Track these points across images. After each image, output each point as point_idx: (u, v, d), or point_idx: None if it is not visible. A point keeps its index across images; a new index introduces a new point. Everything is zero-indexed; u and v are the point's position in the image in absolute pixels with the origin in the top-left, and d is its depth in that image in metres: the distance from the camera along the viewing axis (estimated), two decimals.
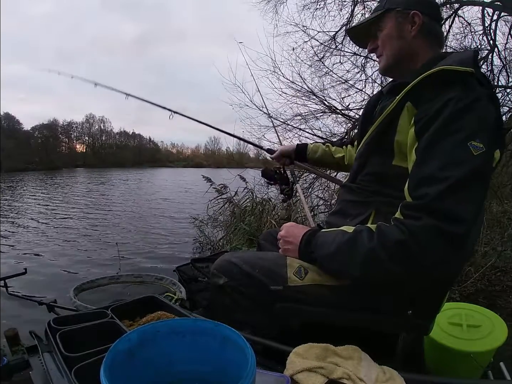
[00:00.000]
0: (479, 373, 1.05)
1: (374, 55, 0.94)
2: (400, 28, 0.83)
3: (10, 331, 1.15)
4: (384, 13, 0.85)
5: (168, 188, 14.14)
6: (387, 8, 0.84)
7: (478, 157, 0.63)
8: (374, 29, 0.88)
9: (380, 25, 0.86)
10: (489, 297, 2.07)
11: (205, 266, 1.73)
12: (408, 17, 0.82)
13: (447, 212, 0.62)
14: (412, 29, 0.82)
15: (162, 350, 0.51)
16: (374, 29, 0.88)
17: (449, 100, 0.66)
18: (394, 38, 0.84)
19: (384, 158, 0.79)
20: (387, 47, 0.86)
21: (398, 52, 0.85)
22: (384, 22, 0.85)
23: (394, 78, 0.94)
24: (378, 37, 0.87)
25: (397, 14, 0.83)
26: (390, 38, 0.85)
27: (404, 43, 0.83)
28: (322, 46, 4.27)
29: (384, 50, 0.87)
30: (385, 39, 0.86)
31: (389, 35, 0.85)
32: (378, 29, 0.87)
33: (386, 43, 0.86)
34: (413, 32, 0.82)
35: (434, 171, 0.64)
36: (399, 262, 0.65)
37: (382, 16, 0.85)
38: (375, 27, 0.88)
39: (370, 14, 0.91)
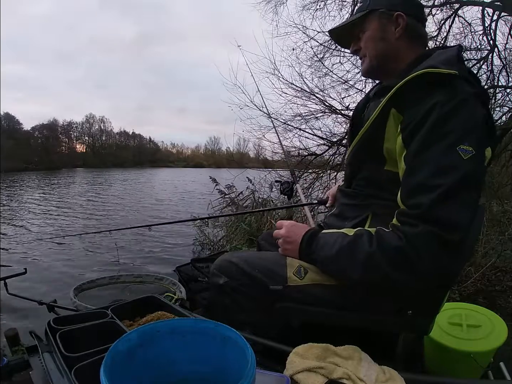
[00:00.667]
0: (479, 373, 1.05)
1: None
2: (384, 29, 0.82)
3: (10, 331, 1.15)
4: (367, 14, 0.83)
5: (168, 188, 14.14)
6: (371, 9, 0.83)
7: (468, 161, 0.62)
8: (357, 30, 0.86)
9: (363, 26, 0.84)
10: (489, 297, 2.07)
11: (205, 266, 1.74)
12: (392, 19, 0.81)
13: (442, 219, 0.62)
14: (396, 31, 0.81)
15: (162, 350, 0.51)
16: (357, 30, 0.86)
17: (434, 104, 0.65)
18: (377, 39, 0.82)
19: (376, 164, 0.79)
20: (370, 48, 0.84)
21: (381, 54, 0.83)
22: (368, 23, 0.83)
23: (377, 79, 0.93)
24: (361, 38, 0.85)
25: (380, 15, 0.82)
26: (373, 39, 0.83)
27: (388, 45, 0.82)
28: (322, 46, 4.28)
29: (367, 51, 0.84)
30: (368, 41, 0.84)
31: (372, 36, 0.83)
32: (361, 31, 0.85)
33: (369, 45, 0.84)
34: (397, 33, 0.81)
35: (425, 180, 0.64)
36: (397, 268, 0.66)
37: (365, 17, 0.83)
38: (358, 28, 0.85)
39: (353, 15, 0.88)
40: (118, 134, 58.38)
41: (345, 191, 0.90)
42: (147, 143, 63.46)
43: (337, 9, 4.32)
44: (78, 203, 8.77)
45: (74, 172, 32.19)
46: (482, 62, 3.61)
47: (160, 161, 59.51)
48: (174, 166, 56.11)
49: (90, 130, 54.37)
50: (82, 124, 53.67)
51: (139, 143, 61.35)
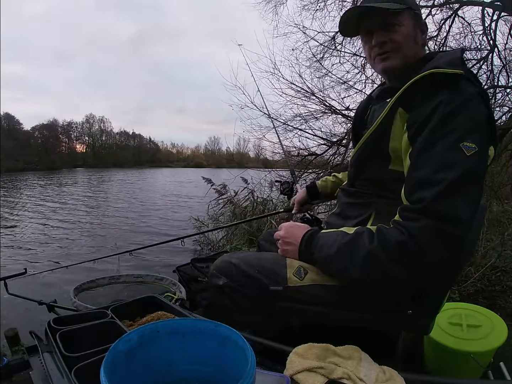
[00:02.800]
0: (479, 373, 1.05)
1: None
2: (416, 31, 0.81)
3: (10, 331, 1.16)
4: (406, 10, 0.78)
5: (168, 188, 14.13)
6: (409, 7, 0.79)
7: (471, 158, 0.63)
8: (390, 20, 0.78)
9: (400, 20, 0.78)
10: (489, 297, 2.07)
11: (205, 266, 1.73)
12: (421, 24, 0.82)
13: (444, 214, 0.63)
14: (423, 37, 0.82)
15: (162, 350, 0.51)
16: (390, 20, 0.78)
17: (440, 103, 0.66)
18: (412, 39, 0.80)
19: (380, 164, 0.80)
20: (406, 46, 0.79)
21: (410, 55, 0.80)
22: (405, 19, 0.79)
23: (390, 79, 0.89)
24: (395, 31, 0.78)
25: (416, 17, 0.81)
26: (410, 38, 0.80)
27: (417, 47, 0.82)
28: (322, 46, 4.28)
29: (402, 48, 0.79)
30: (406, 37, 0.79)
31: (409, 34, 0.79)
32: (397, 23, 0.78)
33: (404, 42, 0.79)
34: (423, 40, 0.83)
35: (428, 175, 0.65)
36: (399, 263, 0.66)
37: (401, 12, 0.78)
38: (391, 19, 0.78)
39: (386, 3, 0.77)
40: (118, 134, 58.45)
41: (348, 190, 0.90)
42: (147, 143, 63.46)
43: (337, 9, 4.32)
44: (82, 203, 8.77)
45: (75, 172, 32.19)
46: (482, 62, 3.61)
47: (160, 161, 59.50)
48: (174, 166, 56.08)
49: (90, 130, 54.41)
50: (82, 124, 53.73)
51: (139, 143, 61.34)
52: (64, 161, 43.78)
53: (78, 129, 53.32)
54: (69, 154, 49.07)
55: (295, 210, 1.37)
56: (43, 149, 42.77)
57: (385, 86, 0.92)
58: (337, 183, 1.27)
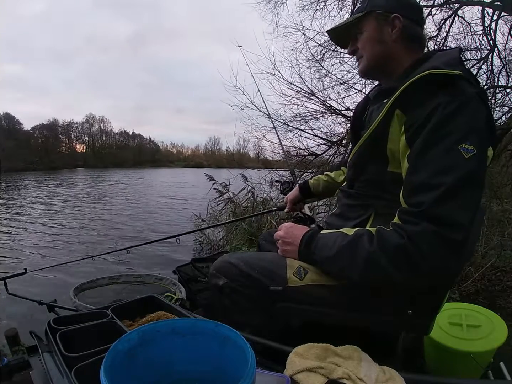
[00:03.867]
0: (479, 373, 1.05)
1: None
2: (381, 31, 0.82)
3: (10, 331, 1.16)
4: (365, 15, 0.83)
5: (168, 188, 14.13)
6: (368, 11, 0.83)
7: (470, 160, 0.63)
8: (354, 31, 0.86)
9: (360, 28, 0.85)
10: (489, 297, 2.07)
11: (205, 266, 1.73)
12: (388, 20, 0.81)
13: (443, 218, 0.62)
14: (392, 33, 0.81)
15: (162, 350, 0.51)
16: (354, 31, 0.86)
17: (438, 105, 0.66)
18: (374, 41, 0.83)
19: (379, 165, 0.79)
20: (366, 50, 0.84)
21: (377, 55, 0.83)
22: (365, 25, 0.84)
23: (374, 80, 0.95)
24: (358, 39, 0.86)
25: (377, 16, 0.82)
26: (370, 41, 0.84)
27: (384, 46, 0.82)
28: (322, 47, 4.28)
29: (364, 52, 0.85)
30: (365, 42, 0.84)
31: (369, 38, 0.84)
32: (358, 32, 0.85)
33: (366, 46, 0.84)
34: (394, 35, 0.81)
35: (427, 178, 0.65)
36: (399, 266, 0.66)
37: (363, 18, 0.84)
38: (355, 29, 0.86)
39: (351, 16, 0.88)
40: (118, 134, 58.48)
41: (347, 192, 0.90)
42: (147, 143, 63.49)
43: (337, 9, 4.32)
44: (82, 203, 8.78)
45: (75, 172, 32.19)
46: (482, 62, 3.61)
47: (160, 161, 59.48)
48: (174, 166, 56.10)
49: (90, 130, 54.43)
50: (82, 124, 53.76)
51: (139, 143, 61.35)
52: (64, 161, 43.77)
53: (78, 129, 53.42)
54: (69, 154, 49.07)
55: (287, 209, 1.39)
56: (43, 149, 42.80)
57: (382, 87, 0.92)
58: (329, 182, 1.28)
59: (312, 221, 1.23)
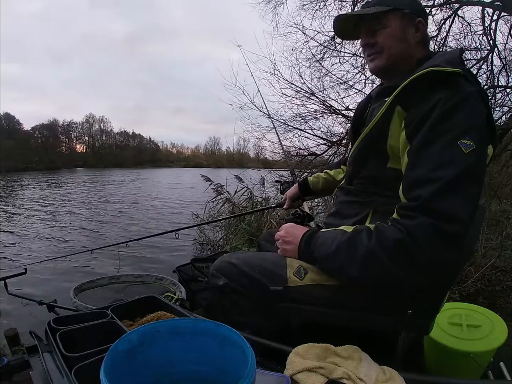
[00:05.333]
0: (479, 373, 1.05)
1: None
2: (405, 30, 0.81)
3: (10, 331, 1.16)
4: (391, 11, 0.80)
5: (168, 188, 14.13)
6: (394, 7, 0.80)
7: (469, 156, 0.63)
8: (375, 23, 0.82)
9: (384, 22, 0.81)
10: (489, 297, 2.07)
11: (205, 266, 1.73)
12: (413, 22, 0.82)
13: (442, 211, 0.62)
14: (416, 35, 0.82)
15: (162, 350, 0.51)
16: (375, 23, 0.82)
17: (438, 101, 0.66)
18: (397, 39, 0.81)
19: (379, 162, 0.80)
20: (389, 47, 0.82)
21: (399, 54, 0.82)
22: (388, 20, 0.81)
23: (383, 78, 0.92)
24: (378, 33, 0.82)
25: (404, 15, 0.81)
26: (395, 38, 0.81)
27: (407, 46, 0.82)
28: (322, 46, 4.28)
29: (385, 48, 0.82)
30: (389, 38, 0.81)
31: (394, 35, 0.81)
32: (381, 26, 0.81)
33: (390, 42, 0.81)
34: (417, 38, 0.82)
35: (426, 173, 0.65)
36: (397, 261, 0.66)
37: (388, 13, 0.80)
38: (377, 22, 0.82)
39: (372, 7, 0.82)
40: (118, 134, 58.53)
41: (346, 188, 0.90)
42: (147, 143, 63.51)
43: (337, 8, 4.32)
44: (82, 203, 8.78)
45: (75, 172, 32.20)
46: (482, 62, 3.61)
47: (160, 161, 59.54)
48: (174, 166, 56.11)
49: (90, 130, 54.48)
50: (82, 124, 53.82)
51: (139, 143, 61.37)
52: (64, 161, 43.81)
53: (78, 129, 53.50)
54: (69, 154, 49.13)
55: (286, 206, 1.39)
56: (43, 149, 42.83)
57: (383, 85, 0.92)
58: (328, 179, 1.28)
59: (311, 218, 1.23)
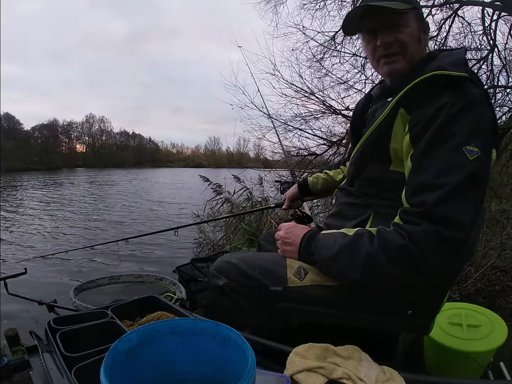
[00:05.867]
0: (479, 373, 1.05)
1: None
2: (419, 32, 0.79)
3: (10, 331, 1.16)
4: (410, 10, 0.75)
5: (168, 188, 14.13)
6: (414, 6, 0.75)
7: (473, 162, 0.63)
8: (396, 20, 0.75)
9: (405, 20, 0.75)
10: (489, 297, 2.07)
11: (205, 266, 1.73)
12: (424, 24, 0.80)
13: (445, 218, 0.62)
14: (426, 37, 0.80)
15: (162, 350, 0.51)
16: (396, 20, 0.75)
17: (443, 105, 0.66)
18: (417, 40, 0.78)
19: (381, 164, 0.79)
20: (410, 48, 0.77)
21: (416, 57, 0.78)
22: (409, 19, 0.75)
23: (392, 81, 0.85)
24: (398, 31, 0.76)
25: (419, 16, 0.79)
26: (415, 39, 0.77)
27: (421, 49, 0.80)
28: (322, 47, 4.28)
29: (406, 50, 0.77)
30: (410, 39, 0.76)
31: (414, 35, 0.77)
32: (403, 24, 0.75)
33: (410, 43, 0.76)
34: (426, 40, 0.81)
35: (430, 178, 0.65)
36: (399, 266, 0.66)
37: (408, 11, 0.75)
38: (398, 19, 0.75)
39: (393, 1, 0.73)
40: (118, 134, 58.51)
41: (347, 190, 0.89)
42: (147, 143, 63.50)
43: (336, 8, 4.32)
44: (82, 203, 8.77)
45: (75, 172, 32.20)
46: (482, 62, 3.61)
47: (160, 161, 59.53)
48: (175, 166, 56.12)
49: (90, 130, 54.47)
50: (82, 124, 53.82)
51: (139, 143, 61.36)
52: (64, 161, 43.83)
53: (78, 129, 53.50)
54: (69, 154, 49.13)
55: (285, 206, 1.39)
56: (43, 149, 42.83)
57: (385, 85, 0.91)
58: (328, 180, 1.28)
59: (310, 219, 1.23)
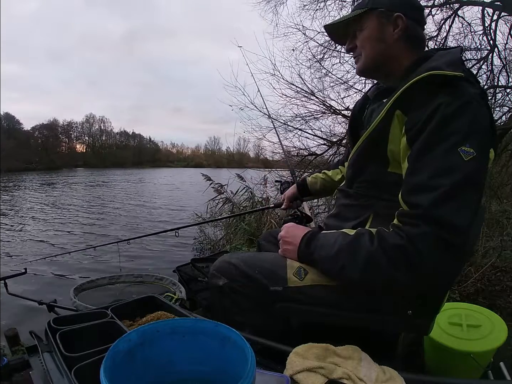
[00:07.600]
0: (479, 373, 1.05)
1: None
2: (382, 30, 0.80)
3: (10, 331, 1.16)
4: (366, 12, 0.80)
5: (168, 188, 14.13)
6: (370, 8, 0.80)
7: (469, 163, 0.63)
8: (353, 28, 0.83)
9: (361, 25, 0.82)
10: (489, 297, 2.07)
11: (205, 266, 1.73)
12: (391, 19, 0.79)
13: (442, 220, 0.62)
14: (394, 32, 0.79)
15: (162, 350, 0.51)
16: (353, 28, 0.83)
17: (438, 106, 0.65)
18: (374, 40, 0.81)
19: (379, 166, 0.79)
20: (366, 48, 0.82)
21: (377, 54, 0.81)
22: (365, 22, 0.81)
23: (372, 79, 0.92)
24: (357, 36, 0.83)
25: (379, 14, 0.80)
26: (371, 39, 0.81)
27: (385, 46, 0.80)
28: (322, 47, 4.29)
29: (363, 51, 0.82)
30: (365, 40, 0.82)
31: (369, 36, 0.81)
32: (358, 29, 0.82)
33: (366, 44, 0.82)
34: (395, 35, 0.79)
35: (426, 180, 0.65)
36: (398, 267, 0.66)
37: (363, 15, 0.81)
38: (354, 26, 0.83)
39: (351, 11, 0.84)
40: (118, 134, 58.59)
41: (346, 191, 0.89)
42: (147, 143, 63.53)
43: (337, 9, 4.33)
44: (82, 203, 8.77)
45: (75, 172, 32.20)
46: (482, 62, 3.61)
47: (160, 161, 59.61)
48: (175, 166, 56.16)
49: (90, 130, 54.52)
50: (82, 124, 53.88)
51: (139, 143, 61.40)
52: (64, 161, 43.86)
53: (78, 129, 53.55)
54: (69, 154, 49.18)
55: (284, 206, 1.40)
56: (43, 149, 42.88)
57: (380, 86, 0.91)
58: (326, 180, 1.28)
59: (309, 219, 1.23)
